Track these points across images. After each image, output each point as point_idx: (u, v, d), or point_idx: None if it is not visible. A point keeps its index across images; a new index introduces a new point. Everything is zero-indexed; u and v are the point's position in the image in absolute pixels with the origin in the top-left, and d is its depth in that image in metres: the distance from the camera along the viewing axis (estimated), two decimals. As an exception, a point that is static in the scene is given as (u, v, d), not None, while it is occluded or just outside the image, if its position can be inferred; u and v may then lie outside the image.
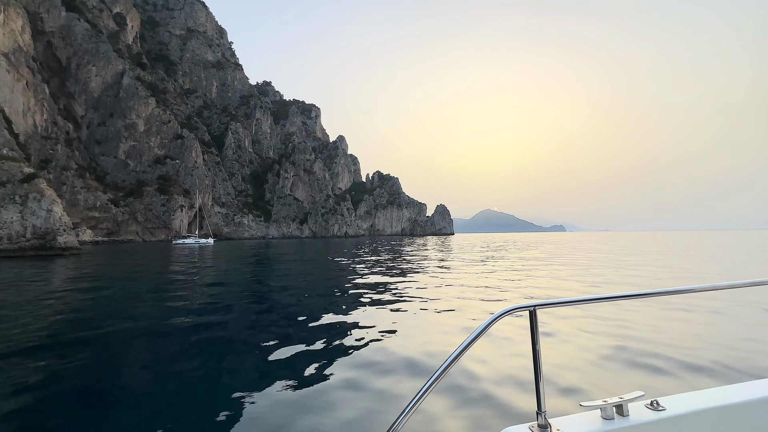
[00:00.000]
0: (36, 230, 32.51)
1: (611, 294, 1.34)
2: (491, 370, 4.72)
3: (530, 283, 12.57)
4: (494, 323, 1.20)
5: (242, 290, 12.33)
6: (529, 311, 1.30)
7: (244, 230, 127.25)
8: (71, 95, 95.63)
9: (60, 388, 4.50)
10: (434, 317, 7.86)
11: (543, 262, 21.60)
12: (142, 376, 4.94)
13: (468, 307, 8.84)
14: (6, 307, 9.36)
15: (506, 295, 10.34)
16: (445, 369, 1.08)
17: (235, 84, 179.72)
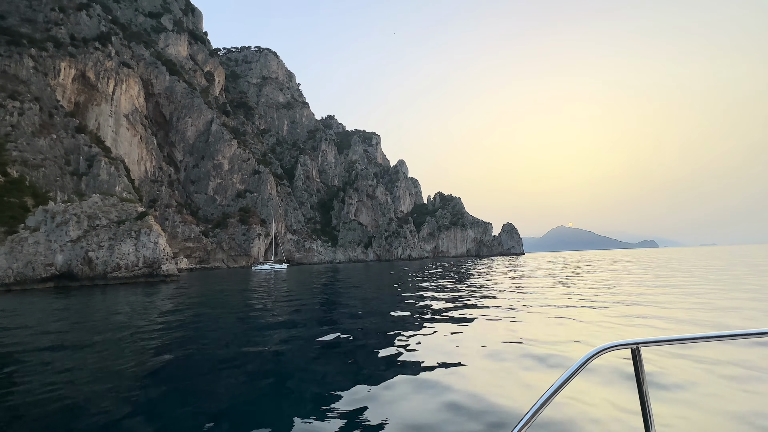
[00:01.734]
0: (146, 260, 38.07)
1: (747, 330, 1.12)
2: (587, 414, 4.12)
3: (632, 312, 10.37)
4: (589, 362, 1.07)
5: (315, 316, 12.95)
6: (632, 349, 1.15)
7: (314, 255, 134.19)
8: (173, 144, 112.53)
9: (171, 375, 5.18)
10: (516, 350, 7.02)
11: (644, 284, 19.25)
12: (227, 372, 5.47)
13: (554, 340, 7.70)
14: (139, 321, 11.08)
15: (598, 329, 8.60)
16: (536, 413, 0.98)
17: (302, 120, 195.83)
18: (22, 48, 71.04)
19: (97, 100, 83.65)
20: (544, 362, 6.13)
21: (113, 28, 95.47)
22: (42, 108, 69.28)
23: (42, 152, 65.11)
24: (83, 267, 34.05)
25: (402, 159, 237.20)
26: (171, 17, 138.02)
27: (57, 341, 9.36)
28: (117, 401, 5.18)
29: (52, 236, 33.65)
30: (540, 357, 6.43)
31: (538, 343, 7.41)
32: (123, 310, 15.25)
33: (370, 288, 22.67)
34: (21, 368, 6.99)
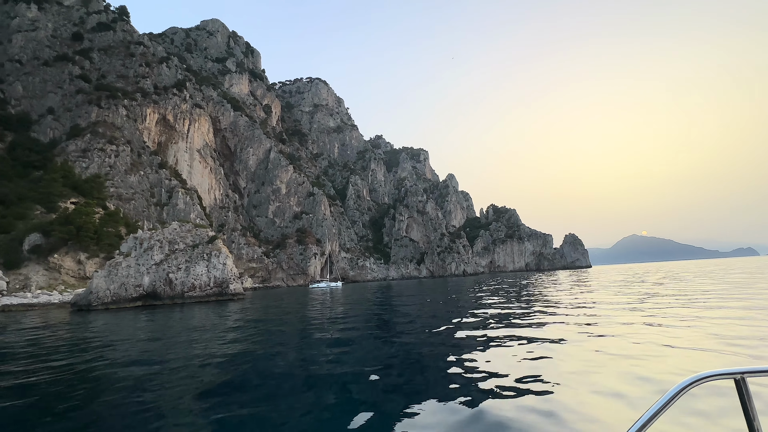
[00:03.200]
0: (216, 280, 41.43)
1: None
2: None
3: (733, 333, 8.66)
4: (684, 393, 0.92)
5: (371, 336, 13.05)
6: (735, 380, 0.97)
7: (367, 273, 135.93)
8: (237, 172, 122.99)
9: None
10: (597, 375, 6.14)
11: (748, 298, 16.77)
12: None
13: (639, 364, 6.67)
14: (214, 335, 12.08)
15: (693, 353, 7.26)
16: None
17: (352, 142, 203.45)
18: (118, 100, 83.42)
19: (175, 138, 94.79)
20: (629, 390, 5.47)
21: (187, 75, 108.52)
22: (132, 149, 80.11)
23: (132, 187, 74.81)
24: (165, 287, 37.98)
25: (451, 173, 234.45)
26: (234, 60, 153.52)
27: (145, 351, 10.50)
28: (191, 406, 5.65)
29: (141, 260, 38.14)
30: (624, 381, 5.80)
31: (620, 366, 6.67)
32: (200, 324, 16.70)
33: (425, 304, 22.36)
34: (116, 373, 7.94)
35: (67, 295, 43.05)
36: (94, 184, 65.71)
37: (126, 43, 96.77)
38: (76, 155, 69.69)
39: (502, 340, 9.56)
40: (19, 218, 53.64)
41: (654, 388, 5.42)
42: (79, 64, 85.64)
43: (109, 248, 51.37)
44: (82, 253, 51.50)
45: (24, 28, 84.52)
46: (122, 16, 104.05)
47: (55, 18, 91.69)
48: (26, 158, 65.44)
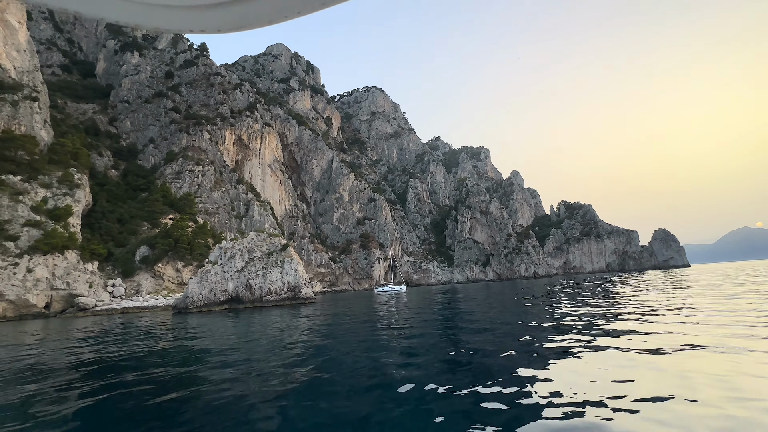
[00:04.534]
0: (289, 285, 44.46)
1: None
2: None
3: None
4: None
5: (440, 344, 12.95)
6: None
7: (431, 276, 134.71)
8: (304, 183, 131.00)
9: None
10: (681, 410, 4.92)
11: None
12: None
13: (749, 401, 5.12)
14: (291, 335, 13.11)
15: None
16: None
17: (410, 146, 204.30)
18: (202, 126, 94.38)
19: (249, 156, 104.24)
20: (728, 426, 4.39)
21: (257, 97, 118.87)
22: (215, 168, 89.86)
23: (216, 202, 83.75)
24: (246, 292, 41.80)
25: (515, 170, 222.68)
26: (297, 78, 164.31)
27: (233, 349, 11.72)
28: (271, 400, 6.19)
29: (225, 268, 42.52)
30: (724, 413, 4.77)
31: (720, 392, 5.42)
32: (282, 326, 18.13)
33: (494, 309, 21.54)
34: (207, 368, 9.00)
35: (169, 299, 49.56)
36: (186, 201, 75.02)
37: (207, 75, 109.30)
38: (171, 177, 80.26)
39: (579, 351, 8.72)
40: (131, 234, 63.25)
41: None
42: (171, 98, 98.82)
43: (200, 257, 58.09)
44: (179, 261, 58.95)
45: (130, 73, 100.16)
46: (203, 52, 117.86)
47: (152, 61, 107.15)
48: (135, 182, 77.15)
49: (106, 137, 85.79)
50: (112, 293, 50.63)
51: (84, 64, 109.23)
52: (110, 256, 56.57)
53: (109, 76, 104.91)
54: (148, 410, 6.39)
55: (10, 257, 42.26)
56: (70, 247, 47.94)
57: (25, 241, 44.83)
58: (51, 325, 30.29)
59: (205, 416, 5.96)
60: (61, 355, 13.01)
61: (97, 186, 67.12)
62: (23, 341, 18.67)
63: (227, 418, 5.77)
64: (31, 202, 49.28)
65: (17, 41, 63.59)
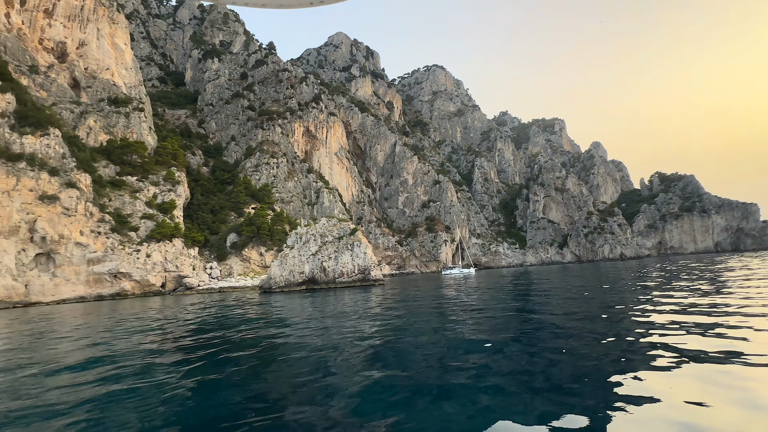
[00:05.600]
0: (359, 268, 46.54)
1: None
2: None
3: None
4: None
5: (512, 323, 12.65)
6: None
7: (501, 258, 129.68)
8: (368, 169, 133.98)
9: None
10: None
11: None
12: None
13: None
14: (368, 312, 13.99)
15: None
16: None
17: (474, 124, 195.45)
18: (274, 121, 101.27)
19: (317, 146, 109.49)
20: None
21: (321, 88, 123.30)
22: (287, 160, 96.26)
23: (290, 191, 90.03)
24: (320, 274, 44.86)
25: (597, 141, 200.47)
26: (357, 65, 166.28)
27: (309, 323, 12.86)
28: (354, 366, 6.73)
29: (302, 251, 45.98)
30: None
31: None
32: (354, 303, 19.33)
33: (573, 294, 20.19)
34: (290, 340, 10.04)
35: (255, 280, 55.34)
36: (264, 191, 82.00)
37: (275, 72, 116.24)
38: (251, 170, 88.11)
39: (679, 353, 6.78)
40: (222, 222, 71.30)
41: None
42: (246, 98, 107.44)
43: (279, 242, 63.51)
44: (262, 246, 65.14)
45: (211, 78, 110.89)
46: (271, 51, 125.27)
47: (229, 65, 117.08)
48: (222, 177, 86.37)
49: (196, 138, 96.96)
50: (210, 274, 58.17)
51: (176, 75, 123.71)
52: (207, 242, 64.77)
53: (195, 83, 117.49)
54: (244, 360, 7.45)
55: (134, 245, 50.75)
56: (177, 236, 55.85)
57: (143, 231, 53.36)
58: (167, 301, 36.02)
59: (288, 368, 6.76)
60: (184, 318, 15.56)
61: (193, 182, 76.60)
62: (159, 309, 22.62)
63: (308, 371, 6.47)
64: (145, 198, 58.21)
65: (125, 61, 74.18)
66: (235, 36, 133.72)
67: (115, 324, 17.21)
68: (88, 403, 5.95)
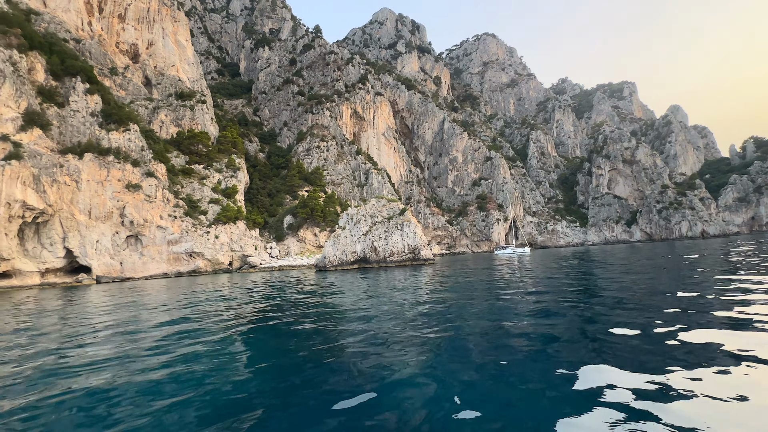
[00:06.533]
0: (409, 247, 46.91)
1: None
2: None
3: None
4: None
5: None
6: None
7: (559, 237, 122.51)
8: (416, 148, 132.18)
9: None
10: None
11: None
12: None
13: None
14: (418, 291, 14.29)
15: None
16: None
17: (529, 94, 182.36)
18: (323, 104, 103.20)
19: (364, 127, 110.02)
20: None
21: (368, 68, 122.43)
22: (337, 143, 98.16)
23: (340, 173, 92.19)
24: (371, 253, 46.01)
25: (675, 105, 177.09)
26: (403, 41, 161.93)
27: (363, 300, 13.37)
28: (406, 333, 6.95)
29: (353, 232, 47.37)
30: None
31: None
32: (405, 281, 19.72)
33: (643, 277, 18.64)
34: (346, 315, 10.55)
35: (311, 259, 58.34)
36: (316, 174, 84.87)
37: (322, 56, 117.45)
38: (303, 154, 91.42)
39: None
40: (278, 205, 75.44)
41: None
42: (296, 83, 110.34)
43: (331, 223, 65.90)
44: (315, 227, 68.11)
45: (263, 67, 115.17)
46: (317, 34, 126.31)
47: (279, 52, 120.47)
48: (277, 162, 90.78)
49: (252, 126, 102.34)
50: (270, 254, 62.41)
51: (231, 66, 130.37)
52: (266, 224, 69.22)
53: (249, 72, 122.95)
54: (304, 329, 8.03)
55: (204, 227, 55.83)
56: (240, 218, 60.36)
57: (211, 214, 58.38)
58: (235, 277, 39.47)
59: (343, 337, 7.17)
60: (257, 289, 17.08)
61: (251, 167, 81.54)
62: (233, 283, 25.05)
63: (362, 342, 6.81)
64: (211, 185, 63.32)
65: (187, 56, 79.55)
66: (283, 22, 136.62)
67: (217, 293, 19.34)
68: (185, 347, 6.88)
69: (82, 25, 64.35)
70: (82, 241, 45.69)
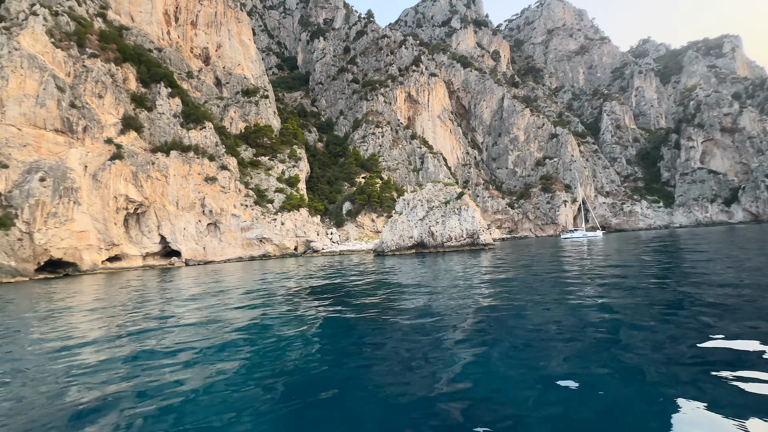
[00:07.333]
0: (467, 232, 45.85)
1: None
2: None
3: None
4: None
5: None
6: None
7: (638, 219, 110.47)
8: (474, 129, 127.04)
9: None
10: None
11: None
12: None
13: None
14: (477, 276, 14.11)
15: None
16: None
17: (602, 61, 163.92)
18: (377, 90, 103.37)
19: (419, 110, 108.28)
20: None
21: (421, 49, 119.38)
22: (391, 128, 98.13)
23: (396, 159, 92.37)
24: (428, 238, 45.87)
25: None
26: (458, 17, 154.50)
27: (421, 284, 13.48)
28: (465, 315, 6.93)
29: (410, 217, 47.55)
30: None
31: None
32: (464, 266, 19.48)
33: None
34: (401, 294, 10.74)
35: (369, 244, 59.92)
36: (372, 161, 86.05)
37: (375, 41, 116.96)
38: (359, 141, 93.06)
39: None
40: (337, 192, 78.16)
41: None
42: (350, 71, 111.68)
43: (388, 209, 66.73)
44: (373, 213, 69.53)
45: (319, 57, 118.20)
46: (369, 19, 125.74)
47: (333, 41, 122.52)
48: (334, 150, 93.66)
49: (311, 116, 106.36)
50: (331, 239, 65.33)
51: (290, 60, 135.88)
52: (326, 210, 72.34)
53: (306, 64, 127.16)
54: (365, 307, 8.40)
55: (271, 215, 60.05)
56: (302, 206, 63.83)
57: (277, 203, 62.48)
58: (300, 261, 42.14)
59: (403, 317, 7.35)
60: (325, 271, 18.23)
61: (311, 157, 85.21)
62: (297, 266, 26.98)
63: (422, 324, 6.94)
64: (275, 175, 67.54)
65: (250, 55, 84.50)
66: (336, 11, 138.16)
67: (290, 272, 21.12)
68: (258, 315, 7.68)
69: (162, 35, 71.49)
70: (173, 228, 52.01)
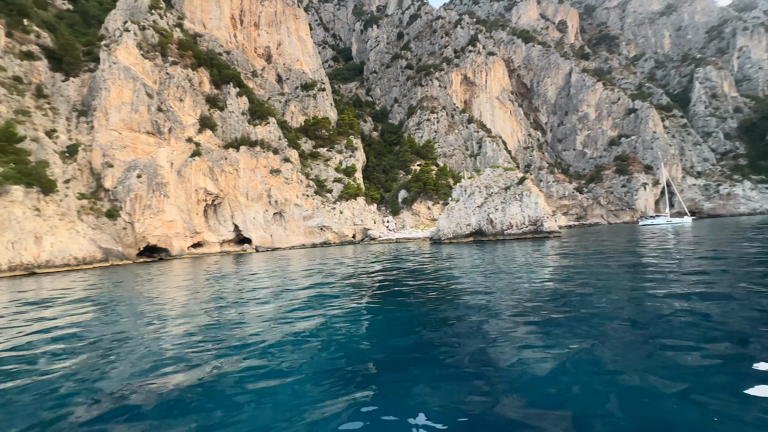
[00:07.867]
0: (530, 219, 43.45)
1: None
2: None
3: None
4: None
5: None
6: None
7: (738, 203, 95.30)
8: (536, 109, 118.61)
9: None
10: None
11: None
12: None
13: None
14: (534, 267, 13.52)
15: None
16: None
17: (695, 20, 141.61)
18: (431, 75, 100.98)
19: (476, 93, 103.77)
20: None
21: (478, 27, 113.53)
22: (447, 113, 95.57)
23: (452, 144, 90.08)
24: (487, 226, 44.36)
25: None
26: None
27: (480, 271, 13.18)
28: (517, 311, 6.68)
29: (467, 204, 46.33)
30: None
31: None
32: (524, 256, 18.64)
33: None
34: (460, 284, 10.59)
35: (426, 232, 59.76)
36: (427, 148, 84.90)
37: (429, 23, 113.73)
38: (413, 129, 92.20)
39: None
40: (393, 181, 78.69)
41: None
42: (404, 57, 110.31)
43: (444, 196, 65.67)
44: (429, 201, 68.99)
45: (373, 46, 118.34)
46: (423, 1, 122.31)
47: (387, 28, 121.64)
48: (389, 138, 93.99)
49: (366, 106, 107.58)
50: (387, 227, 66.29)
51: (344, 51, 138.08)
52: (382, 199, 73.34)
53: (360, 54, 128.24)
54: (423, 294, 8.49)
55: (330, 204, 62.52)
56: (359, 195, 65.43)
57: (335, 192, 64.80)
58: (358, 248, 43.51)
59: (460, 306, 7.30)
60: (386, 258, 18.77)
61: (366, 146, 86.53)
62: (356, 254, 28.07)
63: (478, 313, 6.84)
64: (333, 165, 69.87)
65: (308, 49, 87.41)
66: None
67: (350, 259, 22.23)
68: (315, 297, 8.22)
69: (229, 38, 76.93)
70: (244, 218, 56.76)
